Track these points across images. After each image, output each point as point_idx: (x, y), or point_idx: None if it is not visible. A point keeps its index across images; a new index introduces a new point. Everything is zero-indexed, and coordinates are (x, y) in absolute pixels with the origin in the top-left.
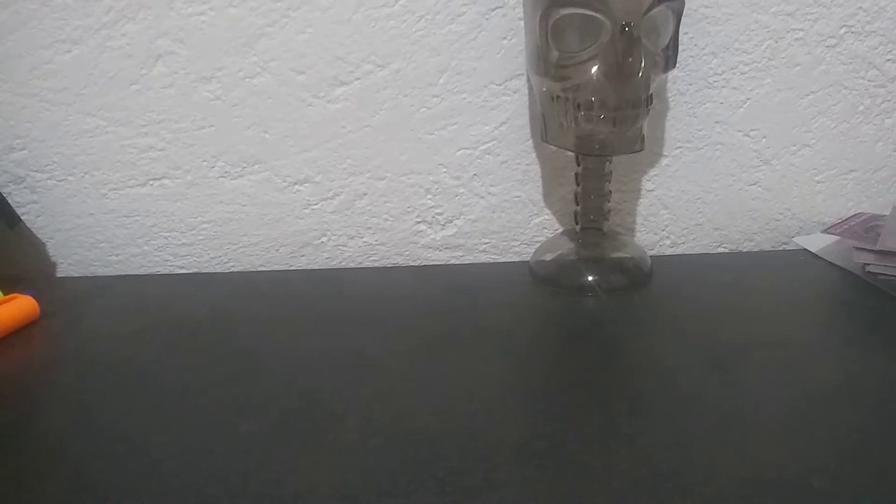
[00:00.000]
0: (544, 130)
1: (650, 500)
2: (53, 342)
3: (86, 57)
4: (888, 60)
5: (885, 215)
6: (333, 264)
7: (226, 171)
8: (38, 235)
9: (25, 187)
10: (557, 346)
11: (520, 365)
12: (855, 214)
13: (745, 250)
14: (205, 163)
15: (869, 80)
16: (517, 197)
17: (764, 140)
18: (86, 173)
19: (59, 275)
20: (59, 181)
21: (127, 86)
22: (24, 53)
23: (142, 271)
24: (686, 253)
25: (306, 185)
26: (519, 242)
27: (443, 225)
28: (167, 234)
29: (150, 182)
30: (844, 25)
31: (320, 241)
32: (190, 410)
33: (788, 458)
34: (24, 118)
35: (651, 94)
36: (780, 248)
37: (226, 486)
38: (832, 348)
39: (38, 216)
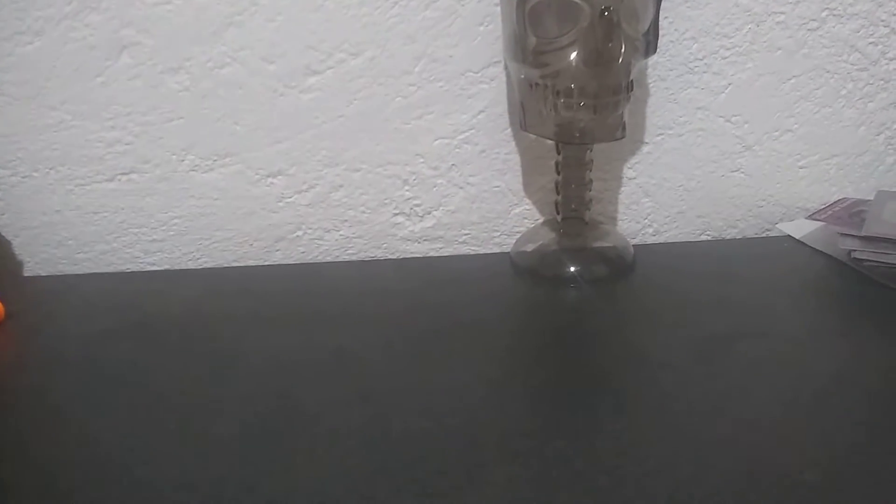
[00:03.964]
0: (523, 119)
1: (638, 498)
2: (20, 344)
3: (48, 49)
4: (870, 43)
5: (869, 200)
6: (309, 258)
7: (196, 165)
8: (3, 234)
9: None
10: (540, 340)
11: (501, 359)
12: (839, 200)
13: (728, 237)
14: (174, 156)
15: (851, 64)
16: (497, 187)
17: (746, 125)
18: (51, 169)
19: (25, 274)
20: (23, 177)
21: (92, 78)
22: None
23: (111, 269)
24: (669, 241)
25: (280, 177)
26: (499, 233)
27: (421, 216)
28: (137, 231)
29: (118, 177)
30: (826, 8)
31: (295, 234)
32: (161, 413)
33: (779, 451)
34: None
35: (632, 81)
36: (764, 235)
37: (198, 491)
38: (819, 337)
39: (3, 214)
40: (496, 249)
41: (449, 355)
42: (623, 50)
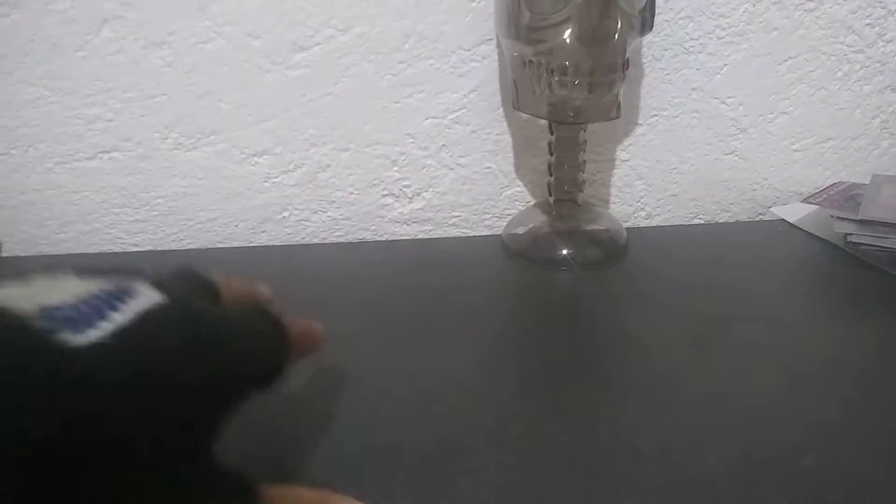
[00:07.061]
0: (516, 98)
1: (634, 483)
2: None
3: (26, 22)
4: (867, 25)
5: (864, 184)
6: (296, 240)
7: (179, 143)
8: None
9: None
10: (532, 323)
11: (493, 343)
12: (834, 184)
13: (721, 221)
14: (157, 134)
15: (847, 46)
16: (488, 168)
17: (741, 107)
18: (30, 146)
19: (3, 254)
20: (1, 155)
21: (71, 52)
22: None
23: (92, 250)
24: (661, 225)
25: (265, 157)
26: (490, 215)
27: (410, 198)
28: (118, 211)
29: (99, 155)
30: None
31: (282, 215)
32: None
33: (775, 436)
34: None
35: (627, 59)
36: (757, 219)
37: None
38: (815, 321)
39: None
40: (487, 232)
41: (439, 338)
42: (619, 27)
